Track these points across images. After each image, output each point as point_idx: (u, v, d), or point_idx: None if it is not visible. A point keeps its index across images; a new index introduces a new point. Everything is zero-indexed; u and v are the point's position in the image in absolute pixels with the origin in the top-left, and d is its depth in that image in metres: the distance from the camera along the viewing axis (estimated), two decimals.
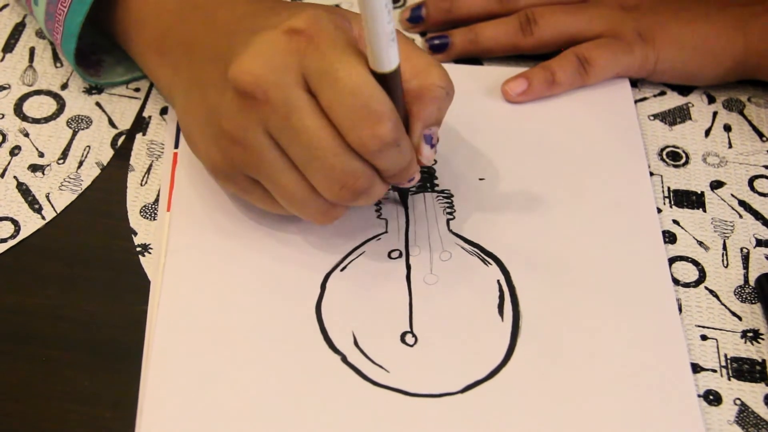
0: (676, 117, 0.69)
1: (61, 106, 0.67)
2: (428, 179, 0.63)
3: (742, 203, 0.64)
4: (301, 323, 0.56)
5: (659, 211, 0.63)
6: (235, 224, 0.60)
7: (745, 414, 0.54)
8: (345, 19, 0.54)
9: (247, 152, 0.53)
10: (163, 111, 0.66)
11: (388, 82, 0.51)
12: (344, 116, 0.50)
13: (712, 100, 0.70)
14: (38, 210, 0.61)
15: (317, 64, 0.50)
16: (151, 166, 0.64)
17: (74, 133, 0.65)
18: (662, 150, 0.67)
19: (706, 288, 0.60)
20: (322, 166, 0.51)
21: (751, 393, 0.55)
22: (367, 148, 0.51)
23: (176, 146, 0.63)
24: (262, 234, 0.59)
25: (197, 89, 0.57)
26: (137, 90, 0.68)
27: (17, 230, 0.60)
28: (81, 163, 0.63)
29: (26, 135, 0.65)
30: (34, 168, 0.63)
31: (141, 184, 0.63)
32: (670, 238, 0.62)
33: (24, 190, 0.62)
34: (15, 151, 0.64)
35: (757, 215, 0.63)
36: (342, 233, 0.59)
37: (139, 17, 0.63)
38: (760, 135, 0.68)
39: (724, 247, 0.62)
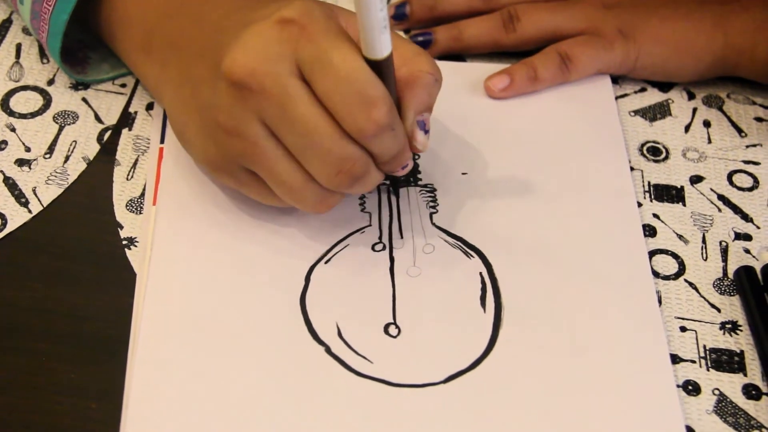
0: (656, 113, 0.70)
1: (48, 101, 0.67)
2: (411, 173, 0.63)
3: (721, 197, 0.65)
4: (285, 315, 0.56)
5: (640, 205, 0.64)
6: (220, 218, 0.60)
7: (723, 404, 0.55)
8: (333, 10, 0.55)
9: (243, 143, 0.54)
10: (149, 106, 0.67)
11: (382, 68, 0.51)
12: (340, 102, 0.51)
13: (692, 96, 0.71)
14: (25, 204, 0.61)
15: (311, 53, 0.51)
16: (137, 160, 0.64)
17: (61, 128, 0.65)
18: (643, 145, 0.67)
19: (686, 280, 0.60)
20: (319, 153, 0.52)
21: (729, 383, 0.56)
22: (363, 133, 0.51)
23: (162, 141, 0.64)
24: (246, 227, 0.60)
25: (188, 86, 0.57)
26: (123, 86, 0.68)
27: (4, 224, 0.60)
28: (67, 158, 0.64)
29: (13, 130, 0.65)
30: (20, 162, 0.63)
31: (127, 179, 0.63)
32: (650, 231, 0.62)
33: (11, 184, 0.62)
34: (1, 145, 0.64)
35: (735, 209, 0.64)
36: (326, 226, 0.60)
37: (124, 15, 0.63)
38: (739, 131, 0.69)
39: (704, 241, 0.62)
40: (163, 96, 0.61)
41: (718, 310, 0.59)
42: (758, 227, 0.63)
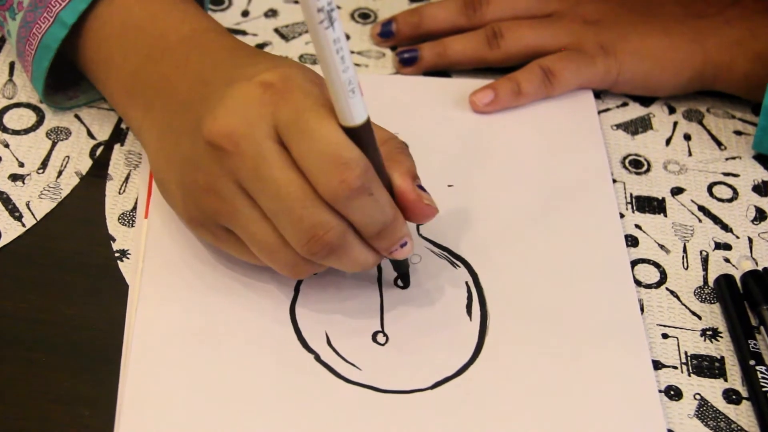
0: (638, 127, 0.71)
1: (41, 118, 0.68)
2: None
3: (701, 208, 0.66)
4: (276, 324, 0.57)
5: (622, 216, 0.65)
6: None
7: (704, 408, 0.56)
8: (318, 77, 0.54)
9: (219, 202, 0.54)
10: None
11: (358, 135, 0.51)
12: (313, 165, 0.50)
13: (672, 110, 0.72)
14: (19, 218, 0.62)
15: (288, 116, 0.51)
16: (128, 175, 0.65)
17: (54, 144, 0.67)
18: (625, 158, 0.69)
19: (667, 289, 0.62)
20: (291, 218, 0.51)
21: (710, 388, 0.57)
22: (335, 195, 0.50)
23: None
24: None
25: (170, 135, 0.57)
26: None
27: None
28: (60, 173, 0.65)
29: (6, 146, 0.66)
30: (14, 177, 0.64)
31: (119, 193, 0.64)
32: (632, 241, 0.64)
33: (4, 198, 0.63)
34: None
35: (715, 219, 0.65)
36: None
37: (107, 57, 0.63)
38: (719, 144, 0.70)
39: (684, 250, 0.64)
40: (147, 141, 0.60)
41: (699, 318, 0.60)
42: (737, 237, 0.64)
